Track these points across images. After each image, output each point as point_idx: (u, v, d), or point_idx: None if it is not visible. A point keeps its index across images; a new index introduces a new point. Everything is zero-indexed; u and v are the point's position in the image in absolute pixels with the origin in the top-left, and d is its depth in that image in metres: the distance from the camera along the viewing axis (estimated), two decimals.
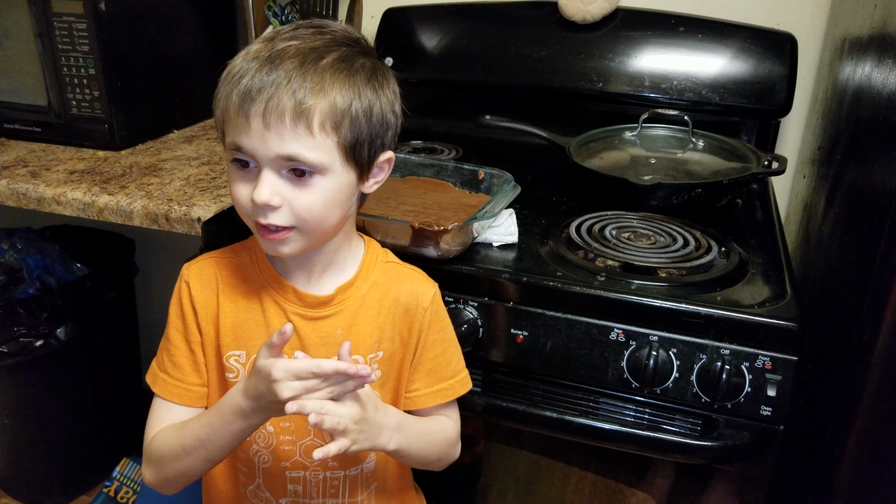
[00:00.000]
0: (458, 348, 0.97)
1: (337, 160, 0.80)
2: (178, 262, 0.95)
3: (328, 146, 0.79)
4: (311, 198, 0.80)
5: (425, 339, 0.92)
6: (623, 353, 0.98)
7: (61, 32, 1.40)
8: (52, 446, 1.80)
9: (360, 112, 0.80)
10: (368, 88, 0.81)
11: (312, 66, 0.78)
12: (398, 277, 0.94)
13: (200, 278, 0.92)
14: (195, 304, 0.91)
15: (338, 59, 0.80)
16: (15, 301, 1.59)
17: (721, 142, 1.39)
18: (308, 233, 0.83)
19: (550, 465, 1.14)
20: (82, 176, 1.33)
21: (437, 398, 0.94)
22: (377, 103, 0.82)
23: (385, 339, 0.92)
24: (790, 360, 0.92)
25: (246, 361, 0.91)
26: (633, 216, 1.20)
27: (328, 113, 0.78)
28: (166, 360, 0.92)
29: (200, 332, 0.92)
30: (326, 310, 0.90)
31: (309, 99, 0.76)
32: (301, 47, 0.79)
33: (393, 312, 0.92)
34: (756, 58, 1.45)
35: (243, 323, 0.91)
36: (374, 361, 0.92)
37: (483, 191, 1.20)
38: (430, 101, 1.68)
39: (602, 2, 1.50)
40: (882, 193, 0.91)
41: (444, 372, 0.94)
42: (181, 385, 0.92)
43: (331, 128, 0.78)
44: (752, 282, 1.02)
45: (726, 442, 0.96)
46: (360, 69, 0.81)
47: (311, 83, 0.77)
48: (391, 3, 1.70)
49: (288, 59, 0.77)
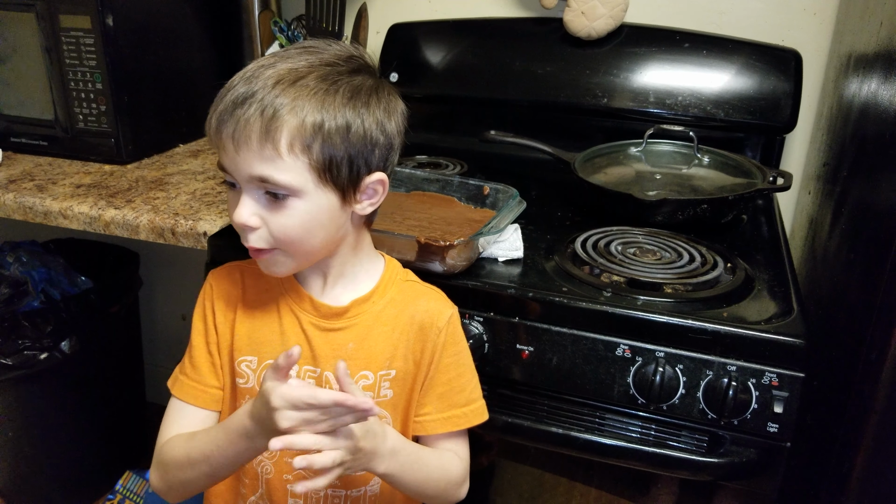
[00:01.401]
0: (475, 375, 0.95)
1: (310, 181, 0.78)
2: (183, 276, 0.96)
3: (298, 167, 0.77)
4: (286, 220, 0.80)
5: (438, 360, 0.90)
6: (629, 369, 0.97)
7: (69, 47, 1.41)
8: (55, 459, 1.79)
9: (333, 133, 0.78)
10: (348, 107, 0.79)
11: (287, 87, 0.76)
12: (416, 295, 0.93)
13: (223, 282, 0.94)
14: (215, 306, 0.92)
15: (315, 79, 0.78)
16: (19, 314, 1.59)
17: (726, 157, 1.39)
18: (293, 254, 0.83)
19: (554, 480, 1.14)
20: (88, 190, 1.33)
21: (447, 425, 0.92)
22: (357, 122, 0.79)
23: (398, 357, 0.91)
24: (797, 377, 0.92)
25: (257, 368, 0.91)
26: (638, 232, 1.20)
27: (296, 133, 0.76)
28: (187, 363, 0.94)
29: (217, 333, 0.92)
30: (340, 322, 0.90)
31: (276, 119, 0.75)
32: (281, 69, 0.78)
33: (408, 331, 0.91)
34: (761, 74, 1.45)
35: (258, 329, 0.91)
36: (386, 380, 0.91)
37: (488, 206, 1.20)
38: (436, 116, 1.69)
39: (607, 18, 1.51)
40: (889, 210, 0.91)
41: (458, 398, 0.92)
42: (198, 386, 0.92)
43: (300, 149, 0.77)
44: (758, 298, 1.02)
45: (732, 459, 0.96)
46: (343, 87, 0.79)
47: (280, 102, 0.76)
48: (396, 18, 1.71)
49: (263, 80, 0.77)
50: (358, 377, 0.90)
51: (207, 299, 0.93)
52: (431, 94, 1.64)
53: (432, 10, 1.73)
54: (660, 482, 1.07)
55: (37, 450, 1.76)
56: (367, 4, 1.60)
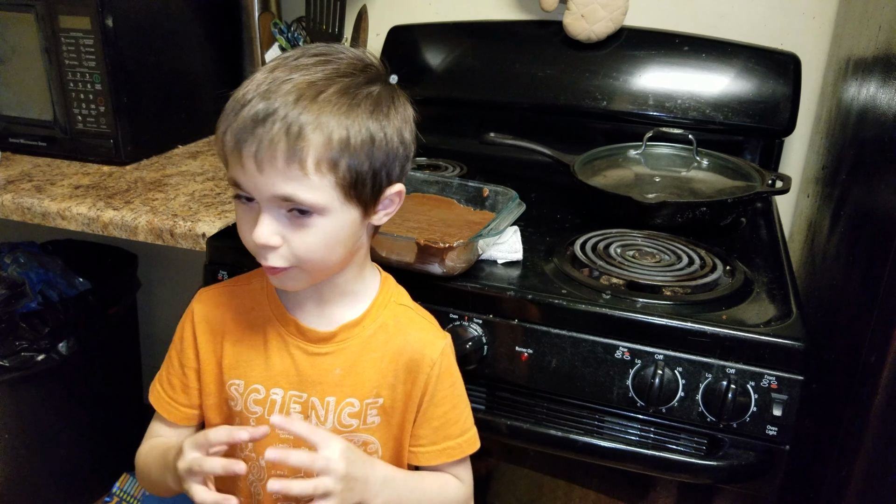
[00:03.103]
0: (468, 405, 0.93)
1: (336, 200, 0.76)
2: (181, 277, 0.96)
3: (325, 186, 0.75)
4: (310, 238, 0.77)
5: (433, 394, 0.88)
6: (628, 372, 0.97)
7: (68, 48, 1.41)
8: (52, 461, 1.79)
9: (359, 148, 0.76)
10: (371, 120, 0.77)
11: (309, 103, 0.74)
12: (408, 323, 0.90)
13: (209, 308, 0.92)
14: (197, 332, 0.91)
15: (337, 93, 0.75)
16: (17, 315, 1.59)
17: (725, 160, 1.40)
18: (310, 271, 0.81)
19: (553, 483, 1.14)
20: (87, 191, 1.33)
21: (442, 456, 0.90)
22: (380, 134, 0.78)
23: (385, 385, 0.88)
24: (796, 380, 0.92)
25: (244, 391, 0.89)
26: (637, 234, 1.20)
27: (323, 151, 0.74)
28: (164, 375, 0.95)
29: (198, 360, 0.92)
30: (327, 346, 0.88)
31: (302, 138, 0.73)
32: (299, 82, 0.75)
33: (397, 360, 0.88)
34: (760, 77, 1.46)
35: (245, 352, 0.90)
36: (373, 408, 0.89)
37: (488, 208, 1.20)
38: (435, 118, 1.69)
39: (607, 21, 1.51)
40: (888, 213, 0.91)
41: (453, 430, 0.91)
42: (171, 402, 0.94)
43: (327, 168, 0.74)
44: (757, 301, 1.02)
45: (732, 462, 0.96)
46: (364, 100, 0.77)
47: (305, 120, 0.73)
48: (397, 20, 1.71)
49: (283, 96, 0.73)
50: (344, 404, 0.88)
51: (188, 322, 0.92)
52: (431, 97, 1.64)
53: (432, 12, 1.73)
54: (659, 485, 1.07)
55: (34, 452, 1.76)
56: (367, 6, 1.60)
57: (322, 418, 0.88)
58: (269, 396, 0.89)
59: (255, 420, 0.89)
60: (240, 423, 0.89)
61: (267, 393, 0.89)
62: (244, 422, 0.89)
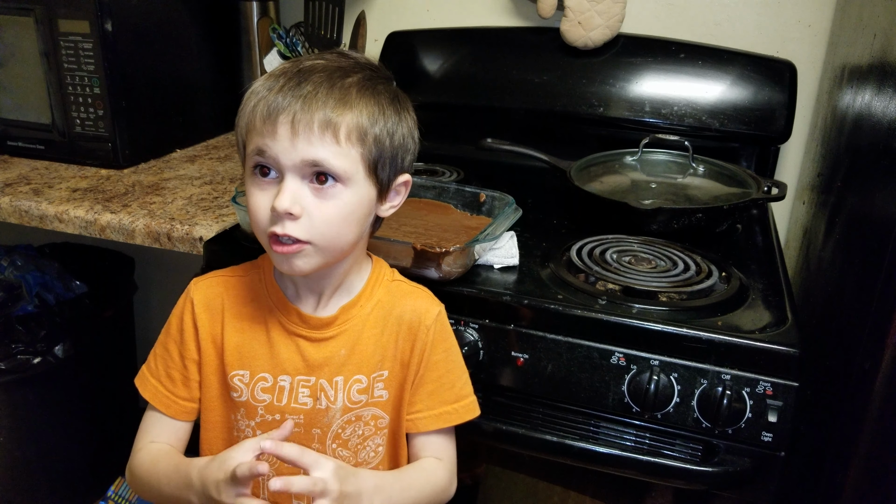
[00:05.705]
0: (465, 371, 0.96)
1: (360, 171, 0.81)
2: (178, 281, 0.95)
3: (353, 156, 0.80)
4: (331, 210, 0.80)
5: (428, 358, 0.91)
6: (624, 378, 0.97)
7: (67, 52, 1.41)
8: (47, 464, 1.78)
9: (383, 131, 0.82)
10: (391, 110, 0.83)
11: (339, 82, 0.80)
12: (402, 295, 0.94)
13: (206, 297, 0.93)
14: (197, 322, 0.92)
15: (362, 79, 0.82)
16: (13, 318, 1.59)
17: (721, 167, 1.40)
18: (322, 249, 0.82)
19: (548, 488, 1.14)
20: (85, 194, 1.33)
21: (439, 422, 0.93)
22: (399, 126, 0.84)
23: (388, 357, 0.91)
24: (791, 386, 0.92)
25: (249, 381, 0.91)
26: (633, 240, 1.20)
27: (353, 126, 0.79)
28: (160, 369, 0.94)
29: (199, 350, 0.92)
30: (330, 331, 0.90)
31: (336, 112, 0.78)
32: (328, 65, 0.82)
33: (396, 331, 0.91)
34: (756, 85, 1.46)
35: (248, 343, 0.91)
36: (379, 381, 0.91)
37: (484, 213, 1.20)
38: (432, 123, 1.66)
39: (603, 28, 1.51)
40: (883, 221, 0.92)
41: (448, 395, 0.93)
42: (170, 396, 0.94)
43: (356, 139, 0.80)
44: (752, 307, 1.02)
45: (727, 468, 0.96)
46: (384, 92, 0.84)
47: (340, 96, 0.79)
48: (394, 26, 1.72)
49: (316, 74, 0.80)
50: (352, 382, 0.90)
51: (187, 313, 0.92)
52: (428, 102, 1.64)
53: (430, 18, 1.74)
54: (654, 491, 1.07)
55: (29, 455, 1.76)
56: (365, 12, 1.61)
57: (332, 398, 0.90)
58: (278, 383, 0.90)
59: (263, 408, 0.90)
60: (244, 414, 0.91)
61: (275, 381, 0.90)
62: (250, 411, 0.91)
